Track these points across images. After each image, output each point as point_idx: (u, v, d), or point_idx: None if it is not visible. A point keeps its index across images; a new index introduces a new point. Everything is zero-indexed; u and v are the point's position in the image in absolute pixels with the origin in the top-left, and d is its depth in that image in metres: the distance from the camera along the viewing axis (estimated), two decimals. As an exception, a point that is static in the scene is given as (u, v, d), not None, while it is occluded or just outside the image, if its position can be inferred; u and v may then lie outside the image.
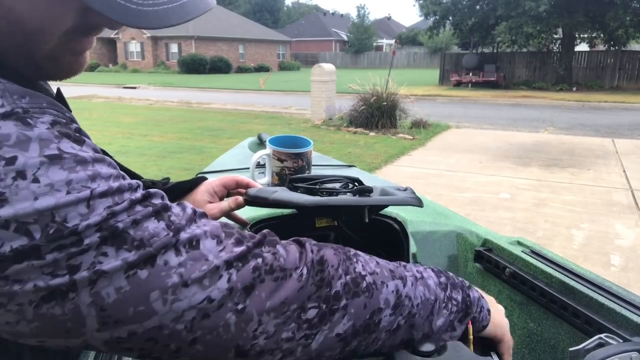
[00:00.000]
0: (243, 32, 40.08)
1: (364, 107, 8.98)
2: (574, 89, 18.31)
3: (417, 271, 0.58)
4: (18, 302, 0.38)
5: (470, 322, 0.61)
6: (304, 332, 0.47)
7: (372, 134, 8.56)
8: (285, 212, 1.03)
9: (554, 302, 0.75)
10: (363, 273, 0.51)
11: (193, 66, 33.60)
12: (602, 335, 0.62)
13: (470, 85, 19.84)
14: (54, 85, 0.59)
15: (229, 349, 0.44)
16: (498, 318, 0.63)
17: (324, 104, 9.84)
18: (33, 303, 0.38)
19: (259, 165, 1.36)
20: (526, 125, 10.21)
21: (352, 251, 0.54)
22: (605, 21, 16.91)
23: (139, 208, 0.42)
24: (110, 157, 0.68)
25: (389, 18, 73.01)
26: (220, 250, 0.45)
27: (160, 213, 0.44)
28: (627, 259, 3.45)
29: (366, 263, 0.53)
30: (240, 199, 0.87)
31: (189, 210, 0.47)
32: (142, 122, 10.50)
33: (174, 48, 36.49)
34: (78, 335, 0.40)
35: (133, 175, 0.77)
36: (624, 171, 5.98)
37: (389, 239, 0.95)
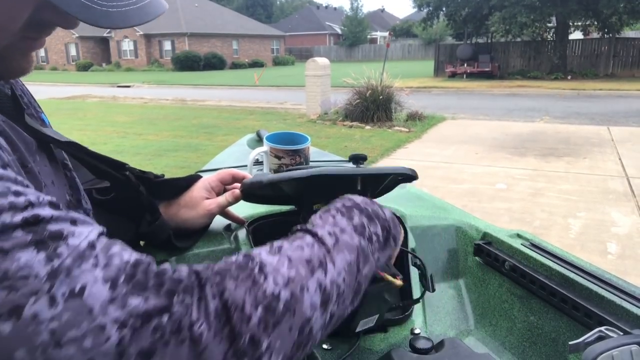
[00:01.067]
0: (236, 27, 39.89)
1: (359, 100, 8.97)
2: (569, 77, 18.32)
3: (331, 233, 0.52)
4: None
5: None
6: None
7: (367, 127, 8.56)
8: (284, 209, 1.02)
9: (554, 295, 0.75)
10: (276, 291, 0.42)
11: (187, 63, 33.45)
12: (602, 328, 0.62)
13: (465, 76, 19.82)
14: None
15: None
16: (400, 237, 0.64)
17: (319, 98, 9.82)
18: None
19: (257, 163, 1.36)
20: (521, 115, 10.22)
21: (256, 263, 0.44)
22: (598, 9, 16.90)
23: (16, 234, 0.35)
24: (82, 148, 0.65)
25: (382, 10, 72.79)
26: (111, 302, 0.34)
27: (44, 243, 0.35)
28: (624, 247, 3.47)
29: (276, 272, 0.44)
30: (237, 191, 0.86)
31: (91, 236, 0.38)
32: (136, 120, 10.45)
33: (167, 45, 36.30)
34: None
35: (116, 164, 0.75)
36: (620, 159, 6.00)
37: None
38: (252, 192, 0.82)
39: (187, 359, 0.35)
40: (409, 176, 0.78)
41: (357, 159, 0.84)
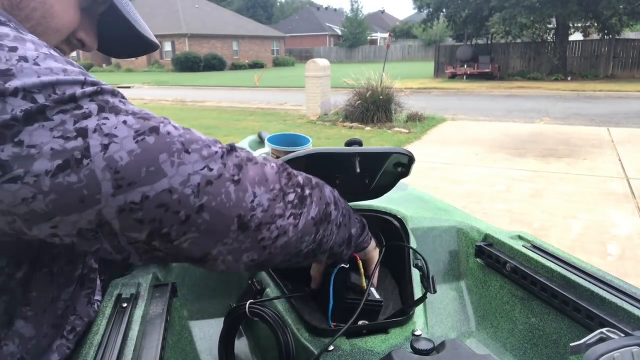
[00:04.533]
0: (236, 28, 39.89)
1: (359, 101, 8.97)
2: (569, 78, 18.33)
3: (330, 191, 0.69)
4: (35, 174, 0.40)
5: (358, 257, 0.77)
6: (290, 212, 0.54)
7: (367, 128, 8.56)
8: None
9: (555, 296, 0.75)
10: (308, 176, 0.62)
11: (187, 64, 33.44)
12: (603, 330, 0.62)
13: (465, 77, 19.83)
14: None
15: (232, 218, 0.48)
16: (373, 245, 0.80)
17: (319, 99, 9.82)
18: (49, 173, 0.40)
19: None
20: (521, 116, 10.22)
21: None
22: (598, 10, 16.91)
23: (120, 96, 0.49)
24: None
25: (382, 11, 72.84)
26: (206, 138, 0.51)
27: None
28: (624, 248, 3.47)
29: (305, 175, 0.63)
30: None
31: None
32: (137, 121, 10.45)
33: (167, 46, 36.29)
34: (93, 204, 0.42)
35: None
36: (620, 160, 6.00)
37: (389, 236, 0.95)
38: None
39: (259, 177, 0.52)
40: (407, 165, 0.78)
41: (353, 143, 0.85)
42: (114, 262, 0.74)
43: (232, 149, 0.52)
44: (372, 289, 0.80)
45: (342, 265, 0.81)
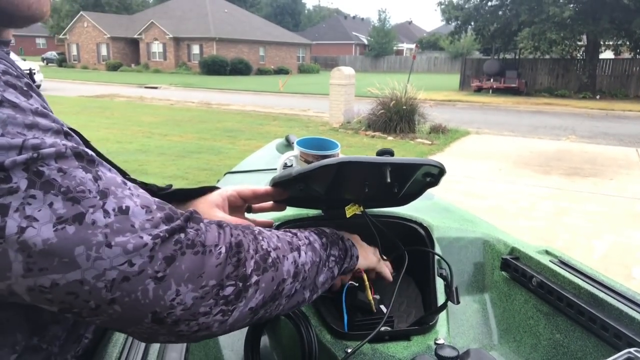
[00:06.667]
0: (264, 34, 40.32)
1: (382, 111, 8.96)
2: (598, 97, 17.99)
3: (306, 237, 0.66)
4: None
5: (363, 271, 0.78)
6: (220, 308, 0.50)
7: (390, 138, 8.54)
8: (311, 212, 1.03)
9: (582, 313, 0.74)
10: (269, 249, 0.57)
11: (214, 67, 33.92)
12: (631, 350, 0.61)
13: (491, 91, 19.64)
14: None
15: (146, 314, 0.46)
16: (364, 255, 0.78)
17: (342, 107, 9.85)
18: None
19: (287, 167, 1.37)
20: (547, 133, 10.07)
21: (257, 229, 0.59)
22: (631, 28, 16.59)
23: (69, 159, 0.44)
24: (80, 135, 0.67)
25: (410, 22, 72.79)
26: (148, 220, 0.46)
27: (86, 168, 0.46)
28: (651, 272, 3.38)
29: (270, 239, 0.58)
30: (268, 187, 0.83)
31: (119, 179, 0.48)
32: (162, 121, 10.63)
33: (195, 49, 36.88)
34: (4, 279, 0.42)
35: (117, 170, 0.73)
36: (649, 182, 5.86)
37: (414, 245, 0.95)
38: (281, 186, 0.81)
39: (193, 271, 0.47)
40: (437, 176, 0.78)
41: (384, 152, 0.85)
42: None
43: (178, 230, 0.48)
44: (381, 305, 0.82)
45: (351, 282, 0.82)
